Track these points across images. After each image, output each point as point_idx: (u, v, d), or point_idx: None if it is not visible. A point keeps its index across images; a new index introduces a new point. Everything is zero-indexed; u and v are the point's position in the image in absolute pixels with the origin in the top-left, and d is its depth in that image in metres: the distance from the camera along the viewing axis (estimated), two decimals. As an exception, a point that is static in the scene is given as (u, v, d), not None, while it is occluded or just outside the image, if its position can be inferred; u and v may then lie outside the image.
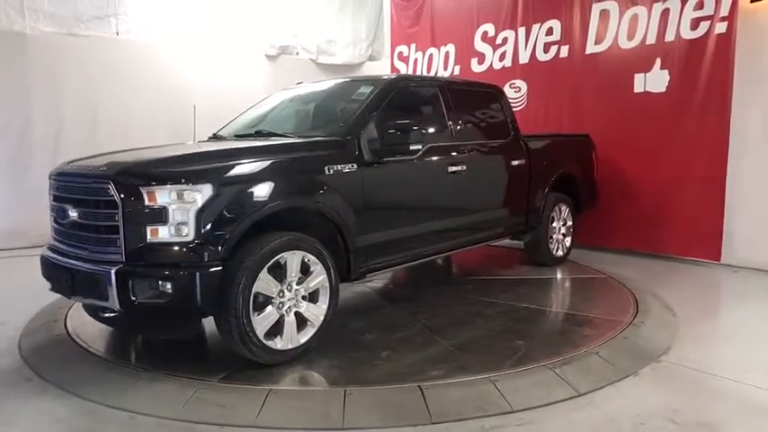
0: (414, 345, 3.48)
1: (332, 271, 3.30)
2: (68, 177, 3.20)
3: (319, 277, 3.24)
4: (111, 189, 2.85)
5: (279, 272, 3.07)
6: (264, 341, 3.00)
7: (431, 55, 8.22)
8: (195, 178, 2.83)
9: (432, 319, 3.92)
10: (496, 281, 5.06)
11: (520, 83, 7.00)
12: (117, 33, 7.40)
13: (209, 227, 2.82)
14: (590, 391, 2.90)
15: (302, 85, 4.83)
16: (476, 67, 7.53)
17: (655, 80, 5.74)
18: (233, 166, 3.04)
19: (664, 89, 5.70)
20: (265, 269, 2.98)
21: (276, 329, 3.07)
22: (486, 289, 4.69)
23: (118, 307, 2.81)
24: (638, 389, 2.97)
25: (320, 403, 2.73)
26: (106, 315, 3.05)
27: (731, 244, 5.42)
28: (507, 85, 6.90)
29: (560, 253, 5.55)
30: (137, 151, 3.49)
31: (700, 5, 5.41)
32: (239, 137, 4.12)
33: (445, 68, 7.99)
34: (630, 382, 3.04)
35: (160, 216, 2.78)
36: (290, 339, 3.12)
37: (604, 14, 6.14)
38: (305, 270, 3.19)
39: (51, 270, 3.19)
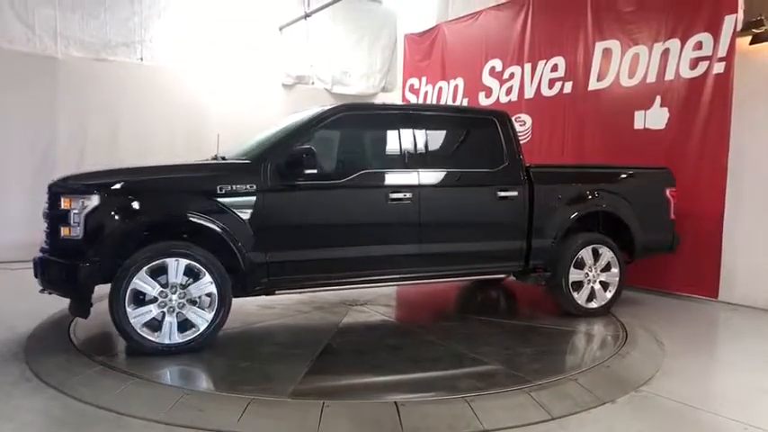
0: (287, 362, 3.55)
1: (221, 281, 3.61)
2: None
3: (206, 285, 3.59)
4: (49, 196, 3.62)
5: (165, 275, 3.53)
6: (140, 331, 3.47)
7: (440, 88, 8.48)
8: (87, 190, 3.49)
9: (344, 346, 3.94)
10: (482, 323, 4.67)
11: (525, 117, 7.18)
12: (141, 59, 7.83)
13: (91, 230, 3.44)
14: (563, 416, 2.95)
15: (295, 113, 4.95)
16: (483, 100, 7.75)
17: (654, 117, 5.86)
18: (123, 182, 3.61)
19: (663, 126, 5.80)
20: (143, 270, 3.45)
21: (160, 325, 3.53)
22: (457, 332, 4.28)
23: (41, 285, 3.61)
24: (612, 416, 3.01)
25: (298, 413, 2.84)
26: (40, 291, 3.68)
27: (730, 282, 5.41)
28: (513, 118, 7.06)
29: (593, 305, 4.71)
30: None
31: (698, 46, 5.54)
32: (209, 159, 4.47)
33: (454, 101, 8.22)
34: (606, 409, 3.08)
35: (68, 218, 3.45)
36: (169, 336, 3.54)
37: (607, 53, 6.31)
38: (196, 277, 3.59)
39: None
